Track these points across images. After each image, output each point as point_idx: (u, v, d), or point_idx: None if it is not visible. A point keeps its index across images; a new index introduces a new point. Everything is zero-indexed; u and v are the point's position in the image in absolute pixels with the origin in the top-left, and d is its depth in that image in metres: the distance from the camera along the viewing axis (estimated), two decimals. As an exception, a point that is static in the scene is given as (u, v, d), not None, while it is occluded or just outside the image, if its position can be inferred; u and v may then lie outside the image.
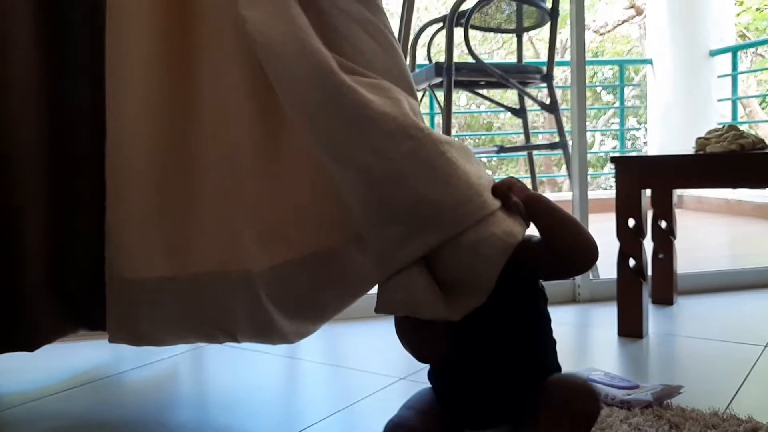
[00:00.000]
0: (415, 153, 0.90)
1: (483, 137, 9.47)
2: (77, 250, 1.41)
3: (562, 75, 7.01)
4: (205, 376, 1.58)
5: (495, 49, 9.80)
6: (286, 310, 1.15)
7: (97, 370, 1.57)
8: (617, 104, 5.76)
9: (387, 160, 0.91)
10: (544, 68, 2.41)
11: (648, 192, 1.94)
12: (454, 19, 2.23)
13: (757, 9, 8.71)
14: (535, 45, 8.64)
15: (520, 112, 2.63)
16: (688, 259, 2.49)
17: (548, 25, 2.43)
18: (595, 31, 10.24)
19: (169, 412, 1.33)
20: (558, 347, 1.01)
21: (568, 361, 1.35)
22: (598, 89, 10.29)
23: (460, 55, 3.41)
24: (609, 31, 10.45)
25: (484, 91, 2.82)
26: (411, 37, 2.49)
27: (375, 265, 0.93)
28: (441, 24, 2.54)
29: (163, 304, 1.16)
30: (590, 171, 7.78)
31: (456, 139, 1.04)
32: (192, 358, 1.67)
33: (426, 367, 1.03)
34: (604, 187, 7.41)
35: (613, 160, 1.71)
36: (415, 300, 0.87)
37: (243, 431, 1.23)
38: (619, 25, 10.42)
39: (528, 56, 8.13)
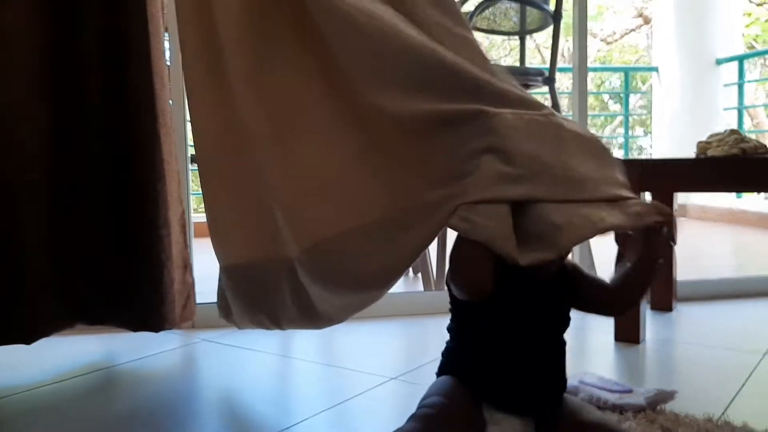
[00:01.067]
0: (551, 118, 0.94)
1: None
2: (79, 245, 1.41)
3: (568, 82, 7.00)
4: (197, 372, 1.57)
5: (503, 56, 9.80)
6: (328, 287, 1.14)
7: (92, 364, 1.56)
8: (624, 113, 5.73)
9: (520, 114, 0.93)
10: (547, 72, 2.39)
11: (649, 197, 1.92)
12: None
13: (766, 20, 8.69)
14: (542, 52, 8.63)
15: (521, 116, 2.60)
16: (689, 267, 2.47)
17: (551, 28, 2.42)
18: (602, 40, 10.23)
19: (160, 407, 1.32)
20: None
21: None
22: (605, 98, 10.27)
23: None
24: (616, 40, 10.43)
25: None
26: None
27: (472, 188, 0.91)
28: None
29: (232, 289, 1.31)
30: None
31: None
32: (185, 354, 1.66)
33: (421, 367, 1.02)
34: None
35: (613, 162, 1.68)
36: (500, 232, 0.87)
37: (233, 426, 1.22)
38: (626, 34, 10.41)
39: (535, 63, 8.12)
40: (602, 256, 2.01)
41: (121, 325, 1.51)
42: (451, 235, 0.94)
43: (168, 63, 1.51)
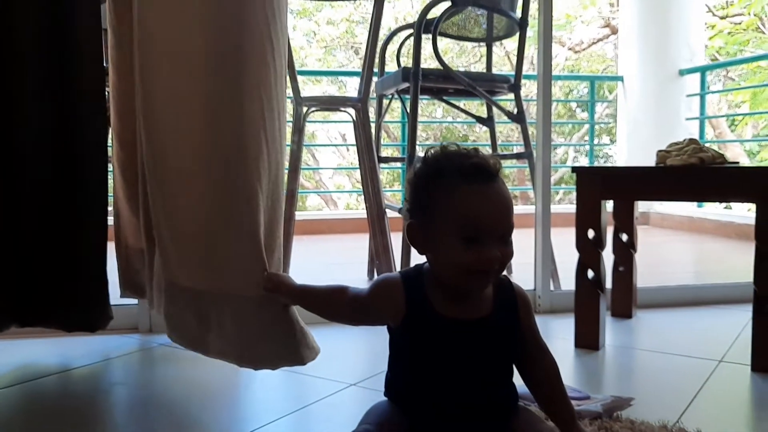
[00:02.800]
0: None
1: (451, 147, 9.46)
2: (14, 245, 1.37)
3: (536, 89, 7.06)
4: (154, 377, 1.53)
5: (473, 62, 9.86)
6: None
7: (44, 368, 1.51)
8: (589, 120, 5.80)
9: None
10: (513, 78, 2.41)
11: (610, 206, 1.94)
12: (422, 25, 2.22)
13: (729, 33, 8.89)
14: (512, 59, 8.70)
15: (487, 122, 2.62)
16: (650, 274, 2.50)
17: (518, 35, 2.43)
18: (570, 49, 10.36)
19: (116, 412, 1.29)
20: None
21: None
22: (573, 106, 10.40)
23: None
24: (584, 49, 10.57)
25: (461, 103, 2.81)
26: (380, 44, 2.47)
27: None
28: (411, 30, 2.53)
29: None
30: (562, 186, 7.87)
31: None
32: (142, 359, 1.62)
33: (382, 374, 1.01)
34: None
35: (574, 170, 1.70)
36: None
37: (191, 430, 1.19)
38: (594, 43, 10.56)
39: (506, 70, 8.18)
40: (565, 262, 2.02)
41: (56, 326, 1.48)
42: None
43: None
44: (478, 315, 0.92)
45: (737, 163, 1.75)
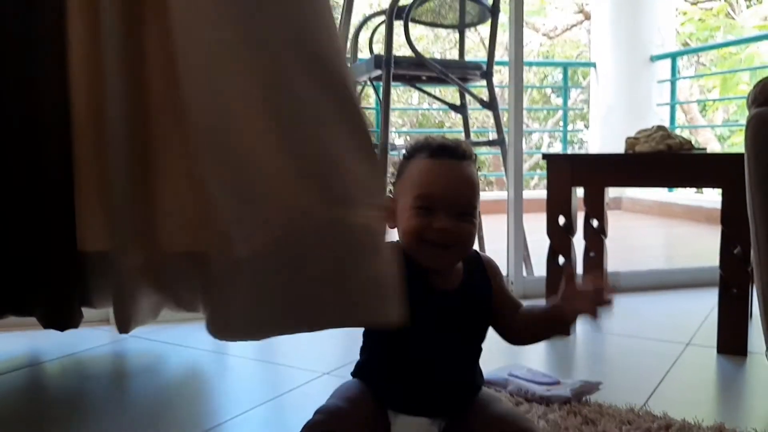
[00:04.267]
0: None
1: (435, 135, 9.48)
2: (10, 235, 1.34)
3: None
4: (126, 369, 1.53)
5: (447, 48, 9.84)
6: None
7: (15, 360, 1.50)
8: (563, 107, 5.85)
9: None
10: (485, 65, 2.41)
11: (581, 192, 1.96)
12: (394, 11, 2.21)
13: (700, 19, 8.98)
14: (486, 45, 8.69)
15: (460, 109, 2.62)
16: (621, 259, 2.54)
17: (490, 22, 2.43)
18: (544, 34, 10.40)
19: (88, 405, 1.28)
20: (487, 344, 1.00)
21: (496, 359, 1.36)
22: (548, 92, 10.45)
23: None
24: (558, 35, 10.62)
25: (436, 91, 2.81)
26: (352, 30, 2.46)
27: None
28: (384, 17, 2.51)
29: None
30: (538, 171, 7.91)
31: None
32: (114, 351, 1.61)
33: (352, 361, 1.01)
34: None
35: (545, 156, 1.71)
36: None
37: (163, 424, 1.19)
38: (568, 29, 10.60)
39: (481, 56, 8.16)
40: (539, 248, 2.04)
41: (39, 320, 1.46)
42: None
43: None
44: (450, 287, 0.93)
45: (704, 149, 1.78)
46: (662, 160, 1.59)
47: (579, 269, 1.93)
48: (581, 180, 1.72)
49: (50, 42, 1.28)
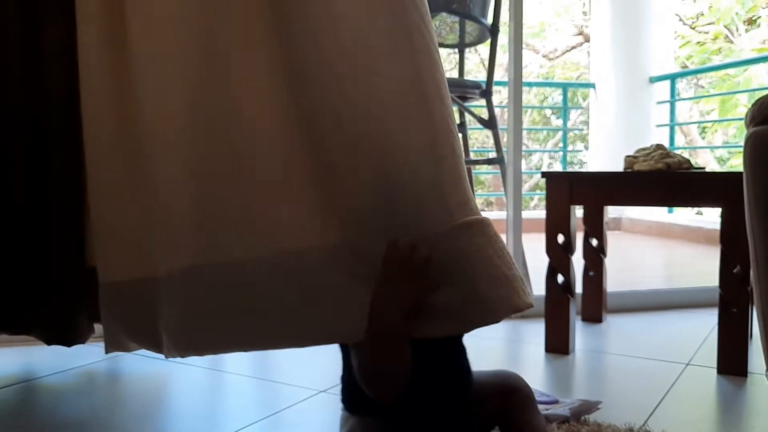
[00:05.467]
0: None
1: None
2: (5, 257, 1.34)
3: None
4: (121, 386, 1.51)
5: (448, 69, 9.91)
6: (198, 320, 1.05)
7: (9, 376, 1.49)
8: (563, 127, 5.87)
9: None
10: (484, 85, 2.42)
11: (581, 212, 1.96)
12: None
13: (698, 43, 9.05)
14: (486, 66, 8.75)
15: (459, 127, 2.63)
16: (620, 279, 2.53)
17: (489, 42, 2.45)
18: (544, 56, 10.46)
19: (82, 421, 1.27)
20: (486, 362, 1.00)
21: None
22: (548, 113, 10.49)
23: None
24: (558, 57, 10.69)
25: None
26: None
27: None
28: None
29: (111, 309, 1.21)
30: (537, 191, 7.91)
31: None
32: (109, 367, 1.60)
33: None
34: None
35: (544, 174, 1.71)
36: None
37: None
38: (568, 51, 10.67)
39: (481, 76, 8.20)
40: (539, 267, 2.03)
41: (39, 337, 1.45)
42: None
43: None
44: None
45: (703, 168, 1.78)
46: (661, 179, 1.59)
47: (579, 288, 1.92)
48: (580, 198, 1.71)
49: (58, 51, 1.28)
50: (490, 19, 2.42)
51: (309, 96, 0.96)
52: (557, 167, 10.35)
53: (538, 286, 1.90)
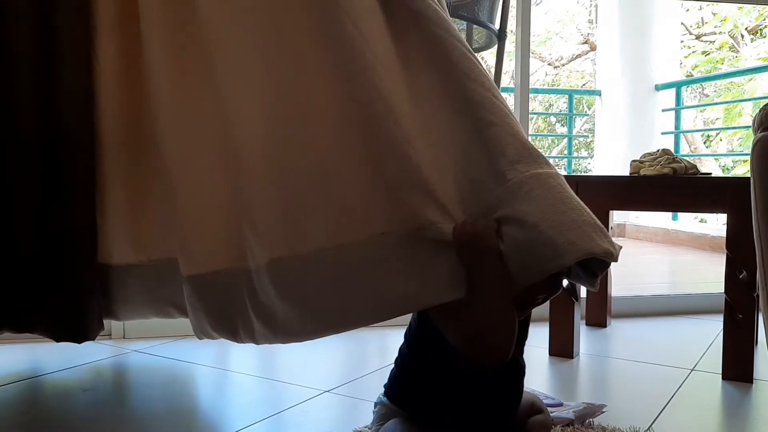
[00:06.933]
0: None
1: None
2: (11, 253, 1.34)
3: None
4: (127, 383, 1.52)
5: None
6: (291, 309, 1.06)
7: (16, 373, 1.50)
8: (568, 134, 5.88)
9: None
10: (491, 89, 2.42)
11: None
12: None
13: (703, 52, 9.06)
14: (492, 73, 8.75)
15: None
16: (625, 284, 2.53)
17: (496, 48, 2.45)
18: (550, 64, 10.48)
19: (88, 418, 1.27)
20: None
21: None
22: (553, 120, 10.49)
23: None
24: (564, 65, 10.70)
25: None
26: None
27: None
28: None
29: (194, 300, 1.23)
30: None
31: None
32: (116, 365, 1.60)
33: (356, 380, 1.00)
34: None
35: (550, 179, 1.71)
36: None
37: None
38: (573, 59, 10.69)
39: (485, 84, 8.17)
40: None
41: (45, 334, 1.45)
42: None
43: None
44: None
45: (710, 173, 1.78)
46: (667, 183, 1.60)
47: (583, 293, 1.92)
48: (586, 202, 1.70)
49: (74, 56, 1.30)
50: (497, 25, 2.43)
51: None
52: (562, 174, 10.33)
53: (543, 291, 1.90)
